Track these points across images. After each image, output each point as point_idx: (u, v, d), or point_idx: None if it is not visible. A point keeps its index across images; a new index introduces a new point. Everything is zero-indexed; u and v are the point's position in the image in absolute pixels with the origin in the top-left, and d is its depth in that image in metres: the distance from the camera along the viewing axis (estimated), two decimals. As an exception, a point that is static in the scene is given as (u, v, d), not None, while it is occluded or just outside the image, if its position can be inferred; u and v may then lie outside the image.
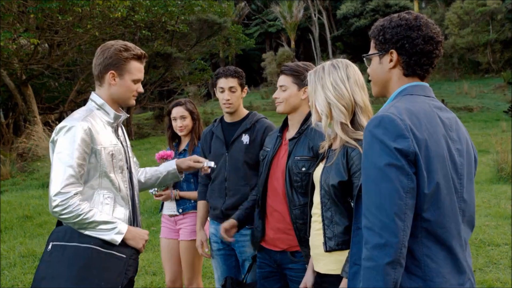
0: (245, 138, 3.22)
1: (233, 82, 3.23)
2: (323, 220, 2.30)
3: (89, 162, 2.36)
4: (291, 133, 2.82)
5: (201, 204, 3.45)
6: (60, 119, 17.58)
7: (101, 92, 2.51)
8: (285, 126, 2.88)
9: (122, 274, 2.35)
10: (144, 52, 2.56)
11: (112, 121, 2.52)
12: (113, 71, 2.46)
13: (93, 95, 2.53)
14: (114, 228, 2.35)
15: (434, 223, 1.68)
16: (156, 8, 15.37)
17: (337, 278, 2.22)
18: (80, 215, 2.27)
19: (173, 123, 3.75)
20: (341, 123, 2.29)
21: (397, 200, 1.60)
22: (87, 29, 13.50)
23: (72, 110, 21.20)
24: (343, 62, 2.38)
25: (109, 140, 2.45)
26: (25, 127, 15.43)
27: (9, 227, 7.12)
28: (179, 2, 16.64)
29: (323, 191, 2.29)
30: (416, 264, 1.67)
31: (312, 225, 2.43)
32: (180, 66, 19.37)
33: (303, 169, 2.62)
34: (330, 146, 2.41)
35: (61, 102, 19.48)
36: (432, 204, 1.67)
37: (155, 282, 4.91)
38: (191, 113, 3.74)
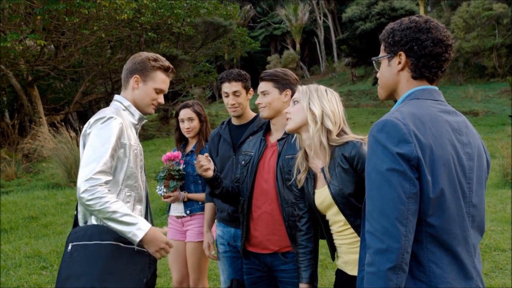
0: None
1: (236, 86, 3.25)
2: (356, 230, 2.31)
3: (117, 156, 2.38)
4: (275, 136, 2.89)
5: (208, 206, 3.46)
6: (65, 120, 17.65)
7: (125, 95, 2.59)
8: (267, 130, 2.95)
9: (146, 268, 2.37)
10: (172, 66, 2.64)
11: (136, 122, 2.58)
12: (137, 75, 2.55)
13: (118, 97, 2.59)
14: (136, 223, 2.29)
15: (439, 228, 1.67)
16: (162, 10, 15.40)
17: None
18: (106, 202, 2.22)
19: (181, 125, 3.76)
20: (329, 130, 2.36)
21: (399, 205, 1.60)
22: (93, 30, 13.56)
23: (78, 111, 21.38)
24: (336, 93, 2.51)
25: (134, 139, 2.49)
26: (30, 128, 15.48)
27: (15, 228, 7.13)
28: (185, 5, 16.67)
29: (341, 205, 2.30)
30: (421, 270, 1.67)
31: (339, 241, 2.42)
32: (185, 68, 19.39)
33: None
34: (308, 172, 2.44)
35: (67, 103, 19.58)
36: (436, 209, 1.66)
37: (159, 283, 4.91)
38: (199, 115, 3.74)
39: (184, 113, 3.73)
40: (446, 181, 1.67)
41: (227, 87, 3.26)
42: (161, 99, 2.62)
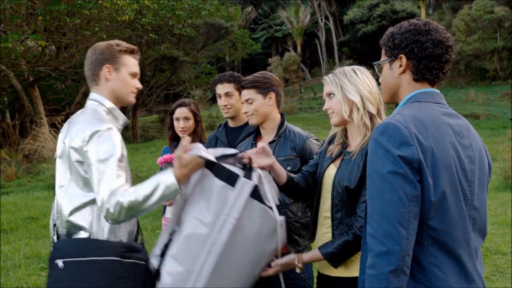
0: None
1: (228, 87, 3.29)
2: (332, 221, 2.31)
3: None
4: (266, 139, 2.89)
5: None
6: (66, 121, 17.64)
7: (100, 91, 2.27)
8: (257, 134, 2.95)
9: (148, 280, 2.17)
10: (136, 47, 2.37)
11: (120, 127, 2.28)
12: (108, 65, 2.25)
13: (96, 96, 2.27)
14: (160, 180, 2.03)
15: (441, 231, 1.67)
16: (163, 12, 15.44)
17: (353, 282, 2.18)
18: (129, 200, 1.98)
19: (175, 123, 3.66)
20: (372, 115, 2.30)
21: (400, 208, 1.60)
22: (94, 31, 13.57)
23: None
24: (363, 69, 2.40)
25: (125, 148, 2.22)
26: (31, 128, 15.47)
27: (14, 228, 7.12)
28: (187, 6, 16.71)
29: (335, 192, 2.29)
30: (422, 273, 1.66)
31: (320, 228, 2.42)
32: (187, 70, 19.42)
33: (288, 168, 2.68)
34: (344, 148, 2.39)
35: (68, 104, 19.57)
36: (438, 212, 1.66)
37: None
38: (195, 114, 3.66)
39: (180, 112, 3.64)
40: (448, 184, 1.67)
41: (219, 89, 3.32)
42: (138, 83, 2.33)
